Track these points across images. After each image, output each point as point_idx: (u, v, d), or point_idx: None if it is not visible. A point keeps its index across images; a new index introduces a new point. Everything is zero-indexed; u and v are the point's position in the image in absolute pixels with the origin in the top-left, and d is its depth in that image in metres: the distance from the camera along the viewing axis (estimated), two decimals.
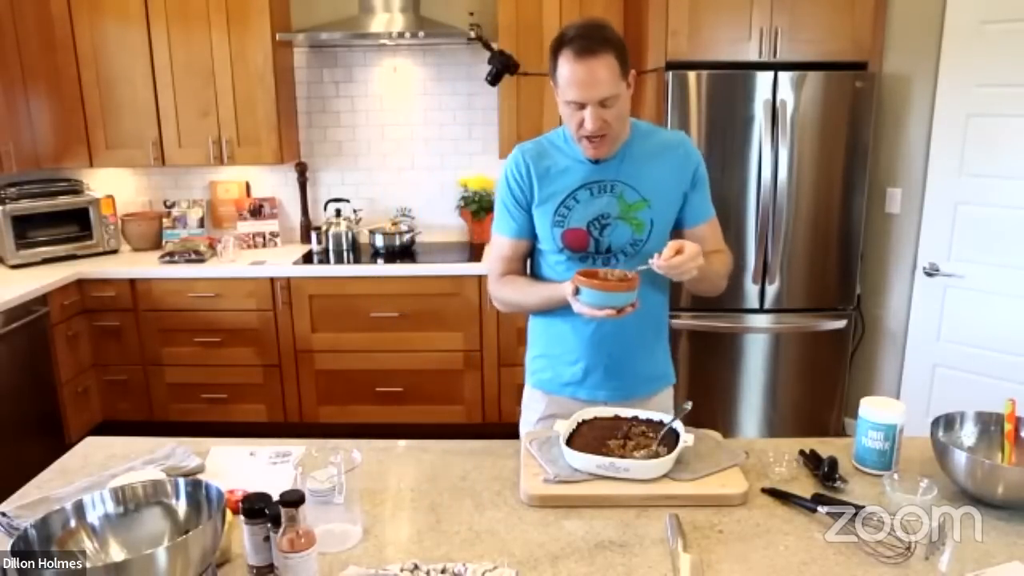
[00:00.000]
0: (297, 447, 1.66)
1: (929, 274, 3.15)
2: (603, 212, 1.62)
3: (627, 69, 1.53)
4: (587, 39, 1.48)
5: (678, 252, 1.46)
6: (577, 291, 1.49)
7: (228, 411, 3.64)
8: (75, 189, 3.75)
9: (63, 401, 3.36)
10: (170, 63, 3.56)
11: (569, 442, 1.53)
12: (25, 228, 3.55)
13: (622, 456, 1.48)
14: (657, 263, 1.47)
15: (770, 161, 3.11)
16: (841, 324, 3.30)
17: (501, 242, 1.73)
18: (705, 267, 1.51)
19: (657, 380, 1.80)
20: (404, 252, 3.72)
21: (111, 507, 1.19)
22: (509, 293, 1.73)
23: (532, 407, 1.82)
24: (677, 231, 1.73)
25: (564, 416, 1.68)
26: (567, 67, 1.49)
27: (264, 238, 3.94)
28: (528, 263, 1.78)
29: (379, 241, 3.73)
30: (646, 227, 1.63)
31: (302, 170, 3.93)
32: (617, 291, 1.47)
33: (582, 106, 1.51)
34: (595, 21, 1.54)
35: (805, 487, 1.46)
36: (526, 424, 1.84)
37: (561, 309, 1.62)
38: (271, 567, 1.19)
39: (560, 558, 1.26)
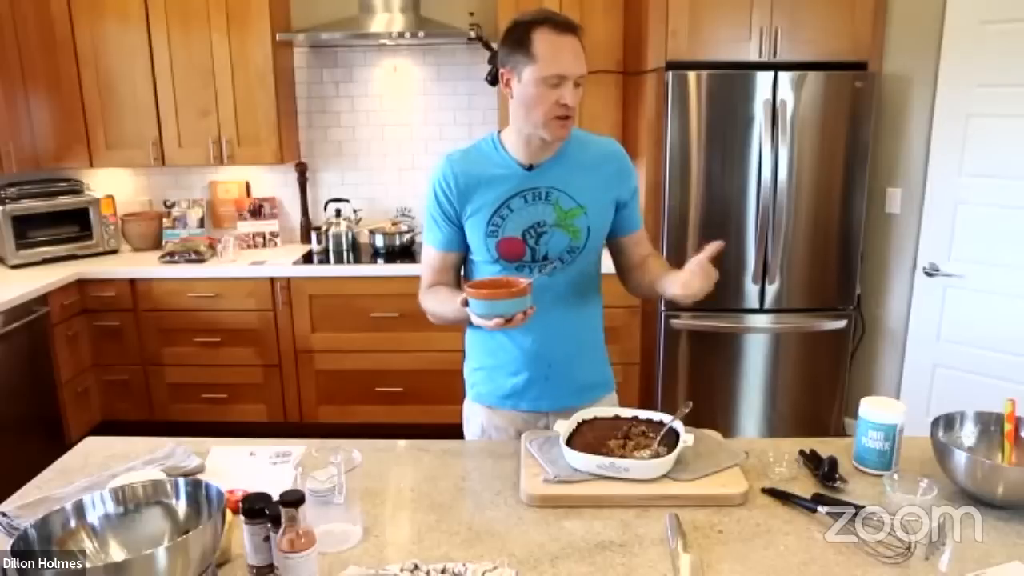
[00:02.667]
0: (297, 447, 1.66)
1: (929, 274, 3.15)
2: (539, 220, 1.59)
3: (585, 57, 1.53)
4: (562, 18, 1.49)
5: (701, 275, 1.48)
6: (465, 302, 1.45)
7: (228, 411, 3.64)
8: (75, 189, 3.75)
9: (63, 401, 3.36)
10: (170, 63, 3.57)
11: (569, 442, 1.53)
12: (25, 228, 3.55)
13: (622, 456, 1.48)
14: (682, 292, 1.48)
15: (770, 161, 3.11)
16: (841, 324, 3.30)
17: (429, 253, 1.69)
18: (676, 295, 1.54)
19: (599, 388, 1.78)
20: (404, 252, 3.72)
21: (111, 507, 1.19)
22: (431, 304, 1.68)
23: (473, 420, 1.79)
24: (611, 239, 1.73)
25: (505, 430, 1.71)
26: (549, 41, 1.46)
27: (264, 238, 3.94)
28: (460, 273, 1.75)
29: (379, 241, 3.73)
30: (583, 234, 1.61)
31: (302, 170, 3.93)
32: (504, 299, 1.41)
33: (559, 84, 1.47)
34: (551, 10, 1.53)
35: (805, 487, 1.46)
36: (469, 438, 1.81)
37: None
38: (271, 567, 1.19)
39: (560, 558, 1.26)
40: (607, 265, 1.77)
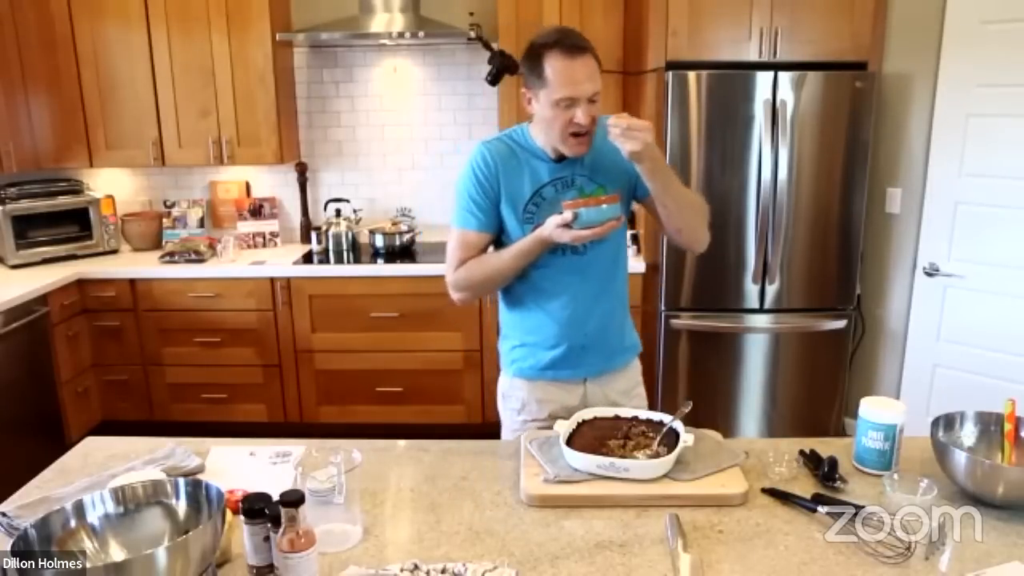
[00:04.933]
0: (297, 447, 1.66)
1: (929, 274, 3.15)
2: None
3: (600, 71, 1.62)
4: (572, 40, 1.57)
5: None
6: (574, 217, 1.54)
7: (228, 411, 3.64)
8: (75, 189, 3.75)
9: (63, 401, 3.36)
10: (170, 63, 3.56)
11: (569, 442, 1.53)
12: (25, 228, 3.55)
13: (622, 456, 1.49)
14: (612, 121, 1.52)
15: (770, 161, 3.11)
16: (841, 324, 3.30)
17: (464, 235, 1.73)
18: (673, 173, 1.63)
19: (629, 351, 1.89)
20: (404, 252, 3.73)
21: (111, 507, 1.19)
22: (474, 271, 1.72)
23: (514, 395, 1.86)
24: (644, 201, 1.77)
25: (546, 401, 1.80)
26: (559, 65, 1.56)
27: (264, 238, 3.94)
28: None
29: (379, 241, 3.73)
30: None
31: (302, 170, 3.93)
32: (608, 204, 1.56)
33: (572, 104, 1.57)
34: (567, 27, 1.63)
35: (805, 487, 1.46)
36: (508, 413, 1.88)
37: (539, 301, 1.75)
38: (271, 567, 1.19)
39: (560, 558, 1.26)
40: None
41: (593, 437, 1.56)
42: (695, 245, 1.79)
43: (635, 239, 3.56)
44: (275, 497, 1.17)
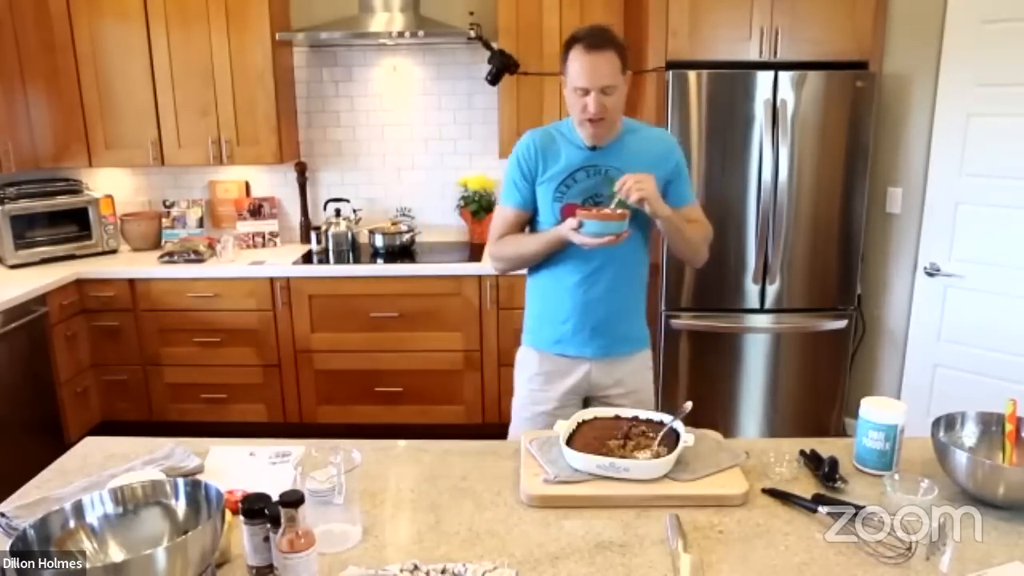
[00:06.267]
0: (297, 447, 1.66)
1: (930, 274, 3.15)
2: (596, 192, 1.87)
3: (626, 67, 1.80)
4: (595, 37, 1.77)
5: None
6: (580, 225, 1.73)
7: (228, 411, 3.64)
8: (74, 189, 3.75)
9: (62, 401, 3.36)
10: (169, 63, 3.56)
11: (569, 442, 1.53)
12: (24, 228, 3.55)
13: (622, 456, 1.48)
14: (617, 185, 1.74)
15: (770, 161, 3.11)
16: (841, 324, 3.30)
17: (506, 211, 1.97)
18: (673, 213, 1.81)
19: (636, 341, 2.02)
20: (404, 252, 3.72)
21: (110, 507, 1.19)
22: (508, 247, 1.96)
23: (525, 364, 2.04)
24: None
25: (553, 373, 1.96)
26: (577, 59, 1.76)
27: (264, 238, 3.94)
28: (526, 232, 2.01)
29: (379, 241, 3.73)
30: (631, 207, 1.80)
31: (302, 170, 3.93)
32: (613, 219, 1.72)
33: (586, 93, 1.75)
34: (602, 25, 1.83)
35: (806, 487, 1.46)
36: (520, 380, 2.04)
37: (558, 274, 1.92)
38: (271, 567, 1.18)
39: (560, 558, 1.26)
40: None
41: (593, 437, 1.56)
42: (691, 264, 2.08)
43: None
44: (275, 497, 1.17)
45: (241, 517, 1.20)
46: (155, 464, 1.55)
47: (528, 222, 1.98)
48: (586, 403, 2.01)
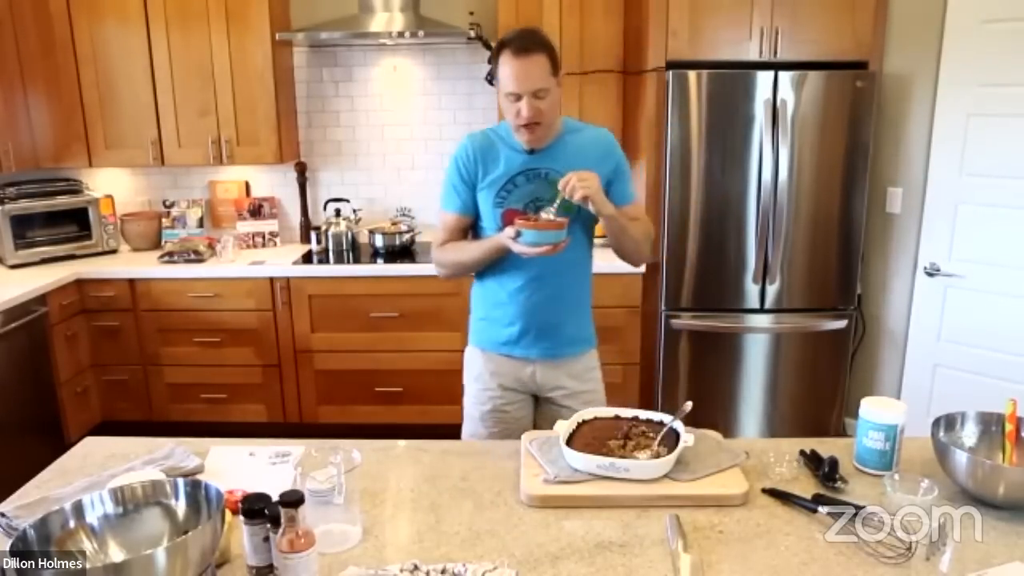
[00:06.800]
0: (297, 447, 1.66)
1: (930, 274, 3.14)
2: (537, 195, 1.86)
3: (557, 69, 1.79)
4: (523, 40, 1.75)
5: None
6: (518, 234, 1.72)
7: (228, 411, 3.64)
8: (74, 189, 3.75)
9: (62, 401, 3.36)
10: (169, 62, 3.56)
11: (569, 442, 1.53)
12: (24, 228, 3.55)
13: (622, 456, 1.48)
14: (561, 183, 1.72)
15: (770, 161, 3.11)
16: (842, 324, 3.30)
17: (447, 216, 1.96)
18: (616, 211, 1.80)
19: (582, 342, 2.02)
20: (404, 252, 3.72)
21: (110, 507, 1.19)
22: (450, 254, 1.96)
23: (471, 364, 2.06)
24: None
25: (498, 374, 1.97)
26: (507, 64, 1.75)
27: (263, 238, 3.94)
28: (468, 237, 2.00)
29: (379, 241, 3.73)
30: (573, 207, 1.81)
31: (302, 170, 3.93)
32: (551, 229, 1.72)
33: (518, 98, 1.75)
34: (531, 28, 1.82)
35: (806, 487, 1.46)
36: (468, 380, 2.07)
37: (500, 279, 1.92)
38: (271, 567, 1.18)
39: (560, 558, 1.26)
40: (602, 266, 1.83)
41: (593, 437, 1.56)
42: (632, 263, 2.04)
43: None
44: (275, 497, 1.17)
45: (241, 517, 1.20)
46: (155, 464, 1.55)
47: (470, 227, 1.97)
48: (536, 401, 2.03)
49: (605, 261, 2.26)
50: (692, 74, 3.08)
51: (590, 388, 2.01)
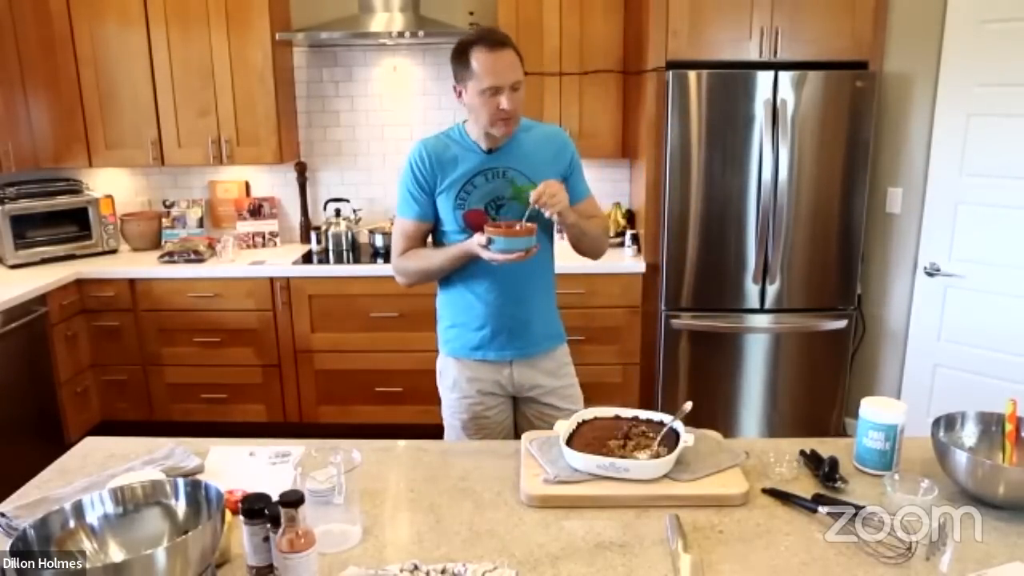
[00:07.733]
0: (297, 447, 1.66)
1: (930, 274, 3.14)
2: (498, 194, 1.86)
3: (522, 64, 1.79)
4: (495, 35, 1.77)
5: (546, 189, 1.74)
6: (489, 242, 1.72)
7: (228, 411, 3.64)
8: (74, 189, 3.75)
9: (62, 401, 3.36)
10: (169, 62, 3.56)
11: (569, 442, 1.53)
12: (24, 228, 3.55)
13: (622, 456, 1.48)
14: (532, 195, 1.73)
15: (770, 161, 3.11)
16: (842, 324, 3.30)
17: (406, 224, 1.94)
18: (577, 218, 1.84)
19: (553, 338, 2.02)
20: None
21: (110, 507, 1.19)
22: (413, 262, 1.94)
23: (447, 373, 2.03)
24: None
25: (475, 379, 1.96)
26: (483, 58, 1.74)
27: (263, 238, 3.94)
28: (428, 242, 2.00)
29: (379, 241, 3.73)
30: (543, 215, 1.80)
31: (302, 170, 3.93)
32: (522, 236, 1.73)
33: (497, 92, 1.74)
34: (490, 27, 1.83)
35: (806, 487, 1.46)
36: (444, 390, 2.04)
37: (467, 283, 1.92)
38: (271, 567, 1.18)
39: (560, 558, 1.26)
40: (602, 266, 1.81)
41: (593, 437, 1.56)
42: (592, 258, 2.05)
43: (635, 239, 3.56)
44: (275, 497, 1.17)
45: (241, 517, 1.20)
46: (155, 464, 1.55)
47: (428, 232, 1.96)
48: (515, 403, 2.03)
49: (605, 261, 2.26)
50: (692, 74, 3.08)
51: (566, 383, 2.01)
